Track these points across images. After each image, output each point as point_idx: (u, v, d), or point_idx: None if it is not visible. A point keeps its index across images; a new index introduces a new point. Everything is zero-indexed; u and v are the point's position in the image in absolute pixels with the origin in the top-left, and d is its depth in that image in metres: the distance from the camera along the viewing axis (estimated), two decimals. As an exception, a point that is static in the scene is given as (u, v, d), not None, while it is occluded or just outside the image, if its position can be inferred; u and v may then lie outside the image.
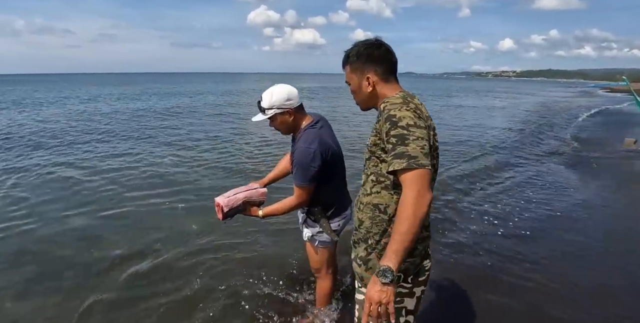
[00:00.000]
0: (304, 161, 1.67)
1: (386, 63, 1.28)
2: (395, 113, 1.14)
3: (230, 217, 1.90)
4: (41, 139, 8.08)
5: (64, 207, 4.14)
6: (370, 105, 1.35)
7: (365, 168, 1.33)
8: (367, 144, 1.28)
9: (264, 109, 1.72)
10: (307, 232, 1.92)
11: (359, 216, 1.36)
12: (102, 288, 2.61)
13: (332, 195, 1.87)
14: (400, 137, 1.10)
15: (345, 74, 1.35)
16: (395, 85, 1.31)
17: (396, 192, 1.24)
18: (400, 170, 1.09)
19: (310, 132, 1.73)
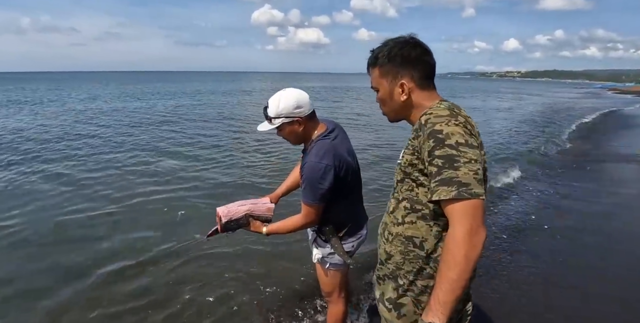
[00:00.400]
0: (313, 178, 1.47)
1: (424, 66, 1.06)
2: (441, 128, 0.93)
3: (229, 231, 1.70)
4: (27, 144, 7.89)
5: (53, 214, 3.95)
6: (402, 116, 1.13)
7: (396, 192, 1.11)
8: (400, 163, 1.07)
9: (271, 118, 1.51)
10: (316, 253, 1.72)
11: (386, 248, 1.14)
12: (95, 302, 2.43)
13: (346, 214, 1.67)
14: (449, 158, 0.89)
15: (371, 78, 1.13)
16: (434, 92, 1.10)
17: (436, 223, 1.02)
18: (448, 200, 0.88)
19: (323, 144, 1.51)
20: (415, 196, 1.04)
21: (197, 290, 2.58)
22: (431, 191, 0.93)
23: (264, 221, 1.71)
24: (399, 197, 1.10)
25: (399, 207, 1.09)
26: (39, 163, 5.89)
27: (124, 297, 2.50)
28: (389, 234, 1.13)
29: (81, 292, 2.56)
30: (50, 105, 15.50)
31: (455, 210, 0.89)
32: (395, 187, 1.11)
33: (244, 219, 1.67)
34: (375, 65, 1.10)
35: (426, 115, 0.99)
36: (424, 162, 0.97)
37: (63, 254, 3.09)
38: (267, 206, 1.72)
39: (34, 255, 3.05)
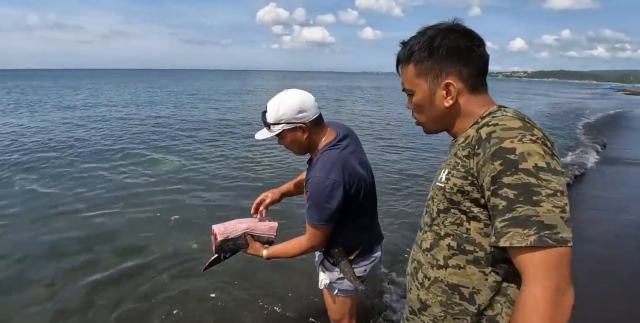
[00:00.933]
0: (319, 196, 1.25)
1: (477, 60, 0.81)
2: (513, 146, 0.68)
3: (225, 254, 1.46)
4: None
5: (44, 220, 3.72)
6: (445, 127, 0.88)
7: (435, 224, 0.85)
8: (441, 186, 0.81)
9: (270, 124, 1.29)
10: (323, 278, 1.50)
11: (420, 295, 0.89)
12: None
13: (359, 234, 1.43)
14: (525, 189, 0.66)
15: (403, 78, 0.88)
16: (487, 96, 0.85)
17: (495, 271, 0.77)
18: (523, 247, 0.65)
19: (330, 155, 1.29)
20: (464, 233, 0.78)
21: (190, 309, 2.33)
22: (496, 233, 0.68)
23: (265, 242, 1.47)
24: (439, 232, 0.84)
25: (441, 245, 0.83)
26: (15, 165, 5.67)
27: (104, 315, 2.27)
28: (425, 278, 0.88)
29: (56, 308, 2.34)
30: (47, 104, 15.33)
31: (534, 262, 0.65)
32: (434, 217, 0.85)
33: (243, 239, 1.43)
34: (409, 61, 0.84)
35: (488, 127, 0.73)
36: (484, 190, 0.72)
37: (40, 263, 2.87)
38: (269, 225, 1.48)
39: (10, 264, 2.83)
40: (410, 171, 5.66)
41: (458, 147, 0.80)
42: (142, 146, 7.07)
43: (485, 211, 0.74)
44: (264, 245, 1.45)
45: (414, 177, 5.30)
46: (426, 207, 0.91)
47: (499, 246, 0.68)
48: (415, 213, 3.91)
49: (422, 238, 0.91)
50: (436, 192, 0.83)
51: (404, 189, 4.73)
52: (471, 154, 0.75)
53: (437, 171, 0.88)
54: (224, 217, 3.80)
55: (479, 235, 0.76)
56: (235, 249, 1.44)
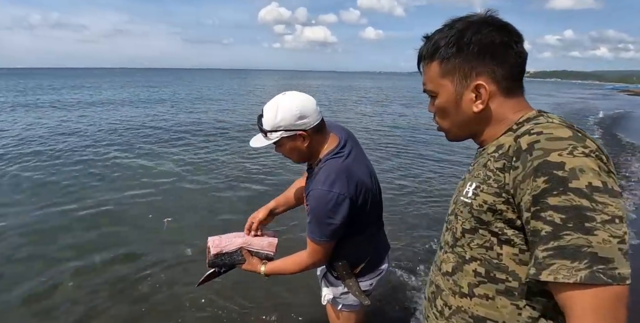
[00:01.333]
0: (321, 211, 1.14)
1: (514, 59, 0.69)
2: (562, 160, 0.56)
3: (221, 270, 1.38)
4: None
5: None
6: (471, 133, 0.77)
7: (459, 245, 0.74)
8: (467, 202, 0.70)
9: (266, 131, 1.17)
10: (327, 293, 1.40)
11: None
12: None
13: (365, 247, 1.33)
14: (576, 213, 0.54)
15: (425, 78, 0.77)
16: (522, 99, 0.74)
17: (530, 305, 0.65)
18: (570, 284, 0.55)
19: (333, 165, 1.17)
20: (495, 258, 0.67)
21: (182, 319, 2.22)
22: (537, 264, 0.57)
23: (263, 259, 1.37)
24: (463, 255, 0.72)
25: (465, 269, 0.72)
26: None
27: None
28: (445, 306, 0.77)
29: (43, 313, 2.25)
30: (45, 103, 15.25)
31: (584, 303, 0.54)
32: (458, 237, 0.73)
33: (239, 254, 1.34)
34: (433, 58, 0.73)
35: (530, 135, 0.61)
36: (521, 211, 0.60)
37: (28, 266, 2.78)
38: (268, 241, 1.38)
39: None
40: (408, 173, 5.55)
41: (488, 157, 0.69)
42: (137, 146, 6.97)
43: (521, 234, 0.63)
44: (262, 261, 1.36)
45: (415, 180, 5.20)
46: (447, 223, 0.79)
47: (540, 280, 0.57)
48: (419, 220, 3.81)
49: (442, 259, 0.79)
50: (460, 208, 0.72)
51: (408, 194, 4.62)
52: (507, 166, 0.63)
53: (460, 182, 0.77)
54: (220, 219, 3.68)
55: (513, 262, 0.65)
56: (231, 264, 1.35)
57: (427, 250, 3.18)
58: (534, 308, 0.65)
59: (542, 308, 0.64)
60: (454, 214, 0.75)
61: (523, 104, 0.73)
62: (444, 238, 0.81)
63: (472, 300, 0.71)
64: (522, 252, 0.64)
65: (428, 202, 4.38)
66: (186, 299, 2.41)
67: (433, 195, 4.60)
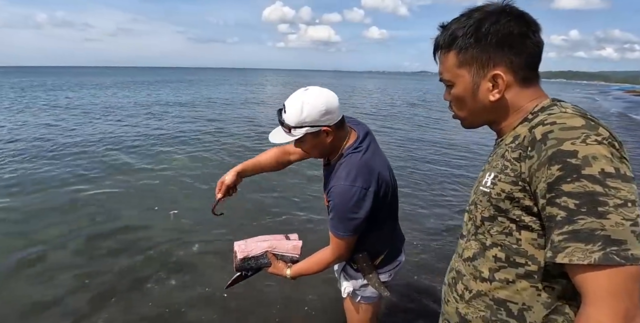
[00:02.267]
0: (345, 206, 1.16)
1: (531, 49, 0.72)
2: (575, 148, 0.59)
3: (247, 272, 1.41)
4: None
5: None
6: (487, 121, 0.80)
7: (480, 233, 0.78)
8: (486, 192, 0.74)
9: (290, 127, 1.16)
10: (346, 286, 1.42)
11: (459, 308, 0.83)
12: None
13: (384, 239, 1.36)
14: (589, 198, 0.58)
15: (441, 67, 0.78)
16: (539, 89, 0.76)
17: (549, 286, 0.70)
18: (585, 265, 0.58)
19: (353, 160, 1.19)
20: (514, 243, 0.71)
21: (191, 313, 2.27)
22: (553, 247, 0.61)
23: (288, 262, 1.39)
24: (484, 241, 0.77)
25: (486, 255, 0.76)
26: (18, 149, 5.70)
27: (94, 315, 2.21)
28: (465, 290, 0.81)
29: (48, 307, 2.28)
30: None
31: (598, 283, 0.58)
32: (478, 225, 0.78)
33: (265, 257, 1.37)
34: (450, 48, 0.74)
35: (544, 126, 0.64)
36: (537, 198, 0.64)
37: (30, 261, 2.80)
38: (292, 244, 1.40)
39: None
40: (413, 165, 5.59)
41: (506, 148, 0.72)
42: (146, 143, 7.05)
43: (538, 220, 0.67)
44: (287, 265, 1.38)
45: (421, 170, 5.23)
46: (468, 213, 0.83)
47: (555, 262, 0.60)
48: (428, 213, 3.85)
49: (464, 247, 0.84)
50: (480, 198, 0.76)
51: (418, 188, 4.66)
52: (523, 156, 0.66)
53: (480, 173, 0.81)
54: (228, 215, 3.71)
55: (532, 247, 0.69)
56: (257, 268, 1.39)
57: (439, 241, 3.23)
58: (552, 289, 0.69)
59: (561, 289, 0.68)
60: (474, 203, 0.79)
61: (538, 92, 0.75)
62: (466, 228, 0.84)
63: (492, 284, 0.75)
64: (540, 236, 0.67)
65: (437, 196, 4.46)
66: (197, 293, 2.45)
67: (444, 189, 4.67)
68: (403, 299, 2.42)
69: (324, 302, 2.38)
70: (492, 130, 0.81)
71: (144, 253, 2.94)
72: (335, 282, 1.55)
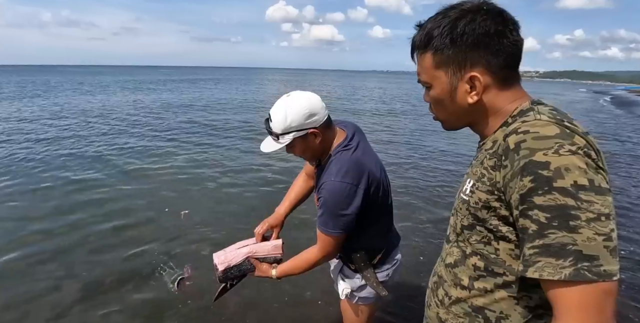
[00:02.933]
0: (334, 202, 1.16)
1: (509, 48, 0.69)
2: (547, 159, 0.57)
3: (232, 281, 1.40)
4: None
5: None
6: (468, 123, 0.79)
7: (460, 240, 0.78)
8: (466, 200, 0.74)
9: (278, 134, 1.18)
10: (344, 287, 1.41)
11: (440, 313, 0.83)
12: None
13: (380, 238, 1.36)
14: (560, 211, 0.56)
15: (419, 68, 0.76)
16: (519, 89, 0.73)
17: (527, 296, 0.70)
18: (556, 281, 0.56)
19: (343, 157, 1.20)
20: (493, 253, 0.71)
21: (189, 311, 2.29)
22: (525, 261, 0.60)
23: (272, 262, 1.39)
24: (465, 249, 0.77)
25: (466, 263, 0.76)
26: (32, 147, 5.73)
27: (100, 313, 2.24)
28: (445, 296, 0.82)
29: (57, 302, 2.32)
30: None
31: (569, 300, 0.57)
32: (459, 232, 0.78)
33: (247, 264, 1.36)
34: (426, 48, 0.72)
35: (517, 134, 0.62)
36: (511, 208, 0.63)
37: (42, 258, 2.85)
38: (273, 244, 1.39)
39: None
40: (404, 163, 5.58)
41: (485, 154, 0.70)
42: (154, 141, 7.09)
43: (515, 231, 0.66)
44: (272, 265, 1.37)
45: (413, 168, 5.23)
46: (452, 216, 0.83)
47: (526, 276, 0.59)
48: (423, 212, 3.85)
49: (447, 252, 0.84)
50: (460, 205, 0.76)
51: (412, 186, 4.66)
52: (497, 165, 0.65)
53: (464, 176, 0.80)
54: (235, 215, 3.72)
55: (509, 257, 0.69)
56: (242, 275, 1.37)
57: (431, 240, 3.24)
58: (530, 298, 0.69)
59: (539, 298, 0.68)
60: (456, 209, 0.79)
61: (519, 93, 0.73)
62: (450, 231, 0.84)
63: (471, 292, 0.75)
64: (518, 247, 0.66)
65: (432, 196, 4.46)
66: (194, 295, 2.46)
67: (437, 188, 4.68)
68: (398, 300, 2.42)
69: (322, 299, 2.40)
70: (474, 132, 0.80)
71: (157, 255, 2.96)
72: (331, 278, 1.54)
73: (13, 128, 8.20)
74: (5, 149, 6.21)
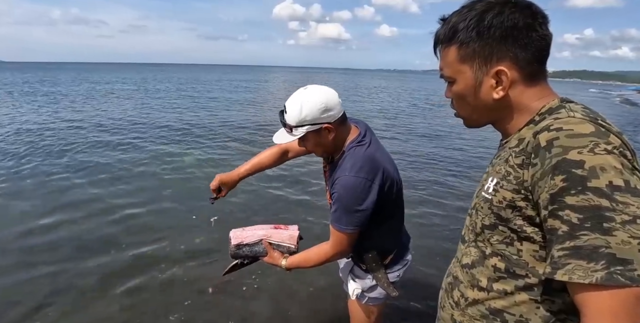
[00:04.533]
0: (350, 197, 1.14)
1: (538, 43, 0.66)
2: (581, 158, 0.55)
3: (243, 260, 1.40)
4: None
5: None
6: (492, 120, 0.76)
7: (480, 240, 0.75)
8: (488, 198, 0.70)
9: (292, 127, 1.16)
10: (355, 288, 1.39)
11: (454, 315, 0.81)
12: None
13: (392, 236, 1.35)
14: (594, 213, 0.53)
15: (441, 62, 0.74)
16: (546, 86, 0.71)
17: (549, 299, 0.67)
18: (586, 284, 0.54)
19: (357, 153, 1.18)
20: (515, 254, 0.68)
21: (196, 304, 2.29)
22: (553, 263, 0.57)
23: (285, 252, 1.37)
24: (484, 249, 0.74)
25: (486, 264, 0.73)
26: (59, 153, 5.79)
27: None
28: (461, 297, 0.79)
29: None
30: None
31: (599, 305, 0.54)
32: (478, 232, 0.75)
33: (260, 246, 1.35)
34: (451, 42, 0.70)
35: (549, 132, 0.59)
36: (539, 208, 0.61)
37: (63, 255, 2.87)
38: (289, 233, 1.37)
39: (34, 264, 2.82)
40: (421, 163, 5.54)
41: (510, 152, 0.68)
42: (169, 143, 7.10)
43: (541, 232, 0.63)
44: (283, 255, 1.35)
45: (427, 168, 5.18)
46: (469, 216, 0.80)
47: (555, 279, 0.57)
48: (435, 212, 3.81)
49: (463, 252, 0.81)
50: (481, 204, 0.73)
51: (423, 186, 4.62)
52: (526, 163, 0.62)
53: (484, 175, 0.77)
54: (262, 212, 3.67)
55: (533, 259, 0.66)
56: (253, 256, 1.37)
57: (443, 241, 3.20)
58: (552, 303, 0.66)
59: (562, 303, 0.65)
60: (476, 209, 0.76)
61: (546, 90, 0.70)
62: (466, 231, 0.81)
63: (490, 294, 0.73)
64: (542, 248, 0.64)
65: (444, 194, 4.42)
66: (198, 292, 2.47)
67: (449, 187, 4.63)
68: (409, 301, 2.40)
69: (325, 294, 2.38)
70: (497, 129, 0.77)
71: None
72: (336, 274, 1.53)
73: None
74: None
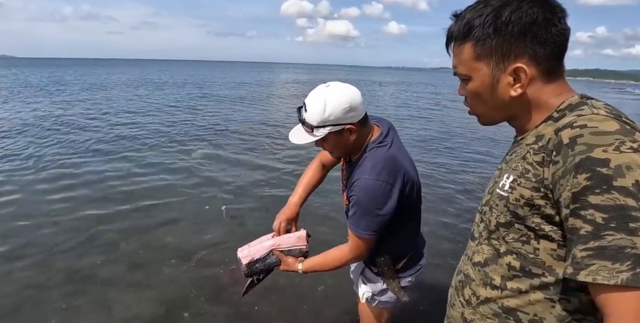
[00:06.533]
0: (370, 201, 1.09)
1: (557, 38, 0.64)
2: (606, 156, 0.54)
3: (258, 276, 1.34)
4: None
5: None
6: (508, 117, 0.74)
7: (493, 238, 0.74)
8: (504, 196, 0.69)
9: (313, 127, 1.09)
10: (365, 291, 1.36)
11: (465, 313, 0.79)
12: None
13: (407, 242, 1.30)
14: (620, 212, 0.52)
15: (455, 59, 0.72)
16: (564, 82, 0.69)
17: (565, 299, 0.65)
18: (610, 286, 0.53)
19: (378, 155, 1.12)
20: (531, 253, 0.67)
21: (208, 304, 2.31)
22: (575, 263, 0.56)
23: (298, 255, 1.31)
24: (498, 247, 0.72)
25: (499, 262, 0.72)
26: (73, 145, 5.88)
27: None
28: (473, 295, 0.78)
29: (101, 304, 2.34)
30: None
31: (624, 306, 0.53)
32: (492, 230, 0.73)
33: (272, 257, 1.29)
34: (466, 39, 0.67)
35: (573, 129, 0.58)
36: (560, 207, 0.59)
37: (75, 257, 2.86)
38: (296, 236, 1.33)
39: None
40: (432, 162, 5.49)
41: (527, 148, 0.66)
42: (182, 138, 7.12)
43: (559, 230, 0.62)
44: (298, 259, 1.29)
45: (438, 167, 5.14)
46: (481, 214, 0.78)
47: (577, 280, 0.55)
48: (446, 209, 3.78)
49: (474, 250, 0.79)
50: (496, 201, 0.71)
51: (433, 185, 4.58)
52: (546, 160, 0.60)
53: (496, 172, 0.75)
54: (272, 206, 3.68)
55: (550, 258, 0.64)
56: (267, 269, 1.31)
57: (454, 240, 3.18)
58: (569, 302, 0.64)
59: (578, 303, 0.63)
60: (489, 206, 0.74)
61: (564, 86, 0.68)
62: (477, 229, 0.79)
63: (503, 293, 0.71)
64: (560, 247, 0.62)
65: (455, 193, 4.40)
66: (205, 295, 2.49)
67: (461, 185, 4.59)
68: (417, 299, 2.38)
69: (336, 294, 2.38)
70: (512, 126, 0.76)
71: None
72: (347, 274, 1.51)
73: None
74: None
